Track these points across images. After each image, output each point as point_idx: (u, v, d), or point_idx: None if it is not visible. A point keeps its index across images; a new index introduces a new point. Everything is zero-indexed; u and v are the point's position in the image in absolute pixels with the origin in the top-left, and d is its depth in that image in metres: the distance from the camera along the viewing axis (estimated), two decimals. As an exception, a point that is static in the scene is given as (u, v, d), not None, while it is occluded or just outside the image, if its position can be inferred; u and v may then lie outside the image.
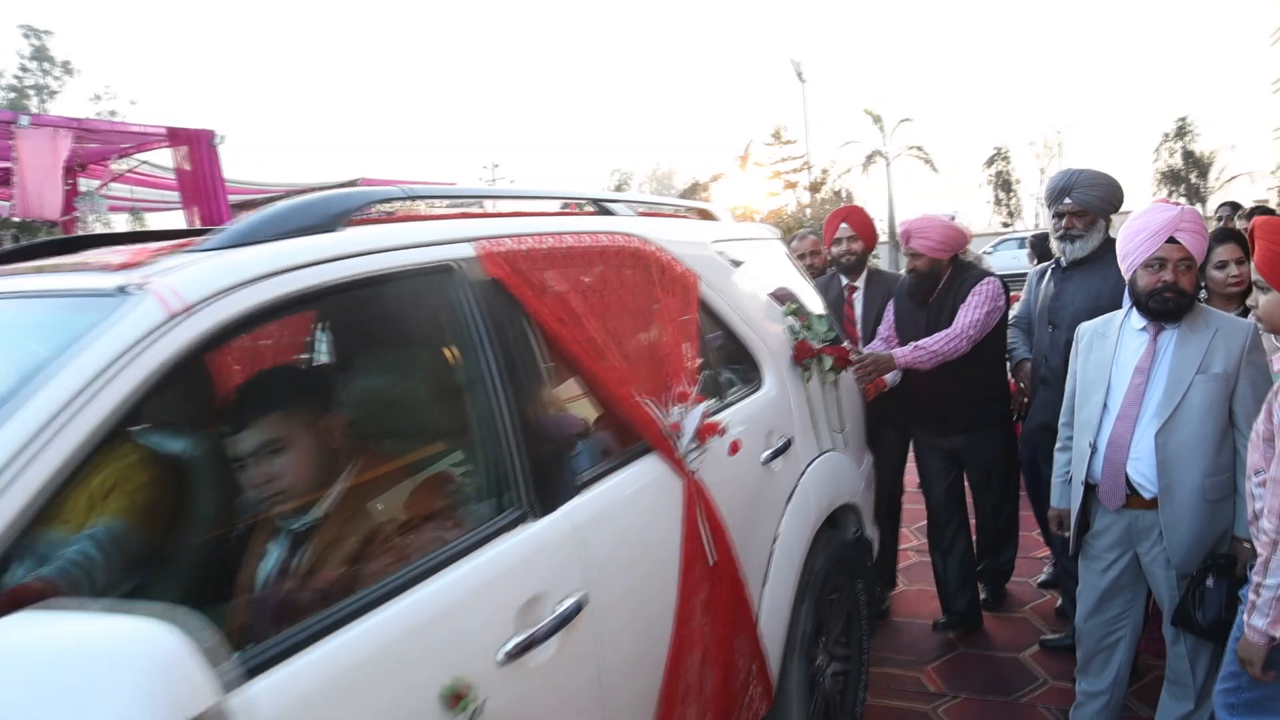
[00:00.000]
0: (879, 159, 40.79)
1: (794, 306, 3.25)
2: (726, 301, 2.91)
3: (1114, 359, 2.95)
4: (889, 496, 4.71)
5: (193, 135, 10.40)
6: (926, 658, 4.19)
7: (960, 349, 3.82)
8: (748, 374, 3.01)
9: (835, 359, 3.36)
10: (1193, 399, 2.76)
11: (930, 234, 4.00)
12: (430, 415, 2.16)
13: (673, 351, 2.50)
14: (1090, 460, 2.95)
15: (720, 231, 3.21)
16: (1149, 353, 2.86)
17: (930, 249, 4.01)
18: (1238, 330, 2.79)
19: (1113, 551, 2.98)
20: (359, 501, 1.87)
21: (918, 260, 4.06)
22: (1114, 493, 2.89)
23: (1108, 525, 2.97)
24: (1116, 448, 2.87)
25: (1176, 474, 2.77)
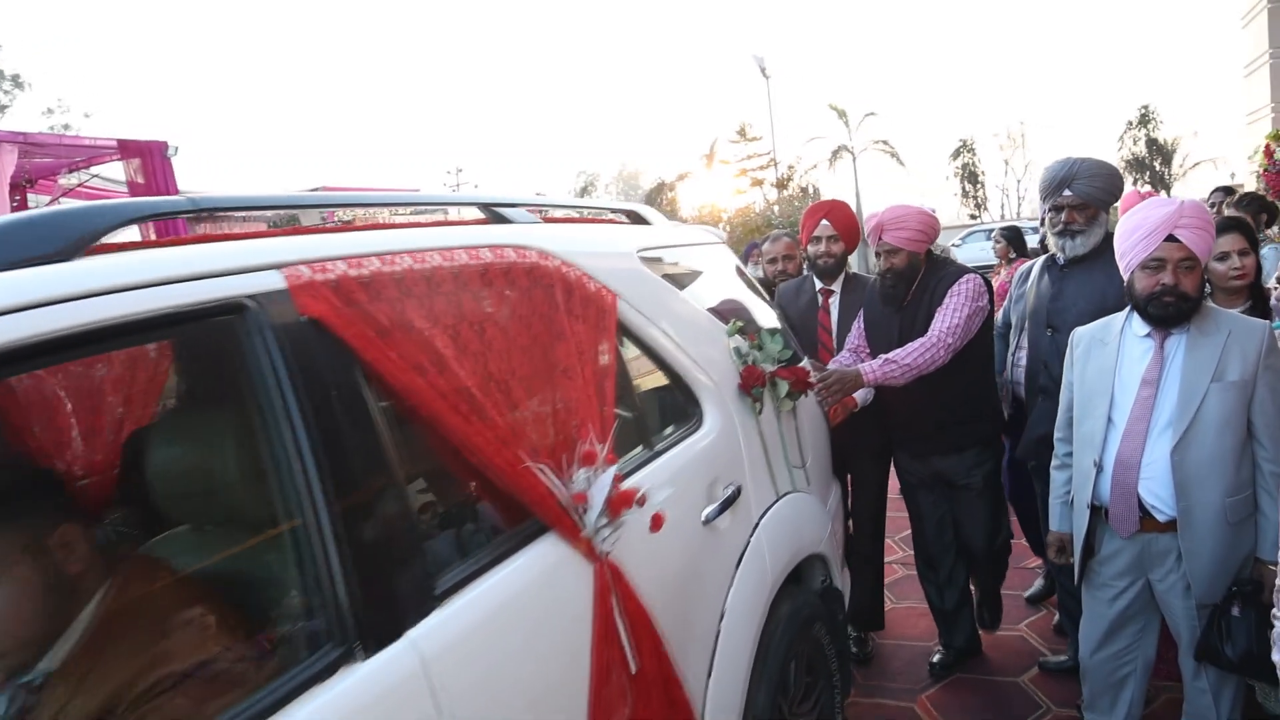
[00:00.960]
0: (845, 154, 40.45)
1: (739, 324, 2.73)
2: (655, 324, 2.38)
3: (1116, 368, 2.68)
4: (871, 533, 4.20)
5: (145, 147, 10.17)
6: (920, 685, 3.85)
7: (938, 359, 3.32)
8: (684, 412, 2.48)
9: (792, 382, 2.84)
10: (1209, 410, 2.50)
11: (907, 224, 3.49)
12: (203, 515, 1.59)
13: (580, 396, 1.97)
14: (1096, 481, 2.68)
15: (649, 238, 2.68)
16: (1156, 361, 2.60)
17: (908, 241, 3.50)
18: (1253, 332, 2.54)
19: (1122, 579, 2.71)
20: (112, 644, 1.32)
21: (894, 257, 3.54)
22: (1126, 517, 2.61)
23: (1117, 550, 2.70)
24: (1126, 467, 2.60)
25: (1196, 495, 2.51)
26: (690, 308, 2.61)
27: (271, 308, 1.45)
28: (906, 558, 5.03)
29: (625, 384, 2.26)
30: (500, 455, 1.71)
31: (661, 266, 2.62)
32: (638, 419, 2.28)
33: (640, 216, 3.00)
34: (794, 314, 4.14)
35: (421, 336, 1.65)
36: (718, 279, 3.08)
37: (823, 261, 4.03)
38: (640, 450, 2.23)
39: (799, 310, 4.14)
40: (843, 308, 4.04)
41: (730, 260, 3.26)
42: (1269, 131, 12.32)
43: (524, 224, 2.27)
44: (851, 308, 4.00)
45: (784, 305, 4.19)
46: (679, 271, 2.80)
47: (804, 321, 4.10)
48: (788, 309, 4.17)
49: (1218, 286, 3.37)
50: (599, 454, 1.85)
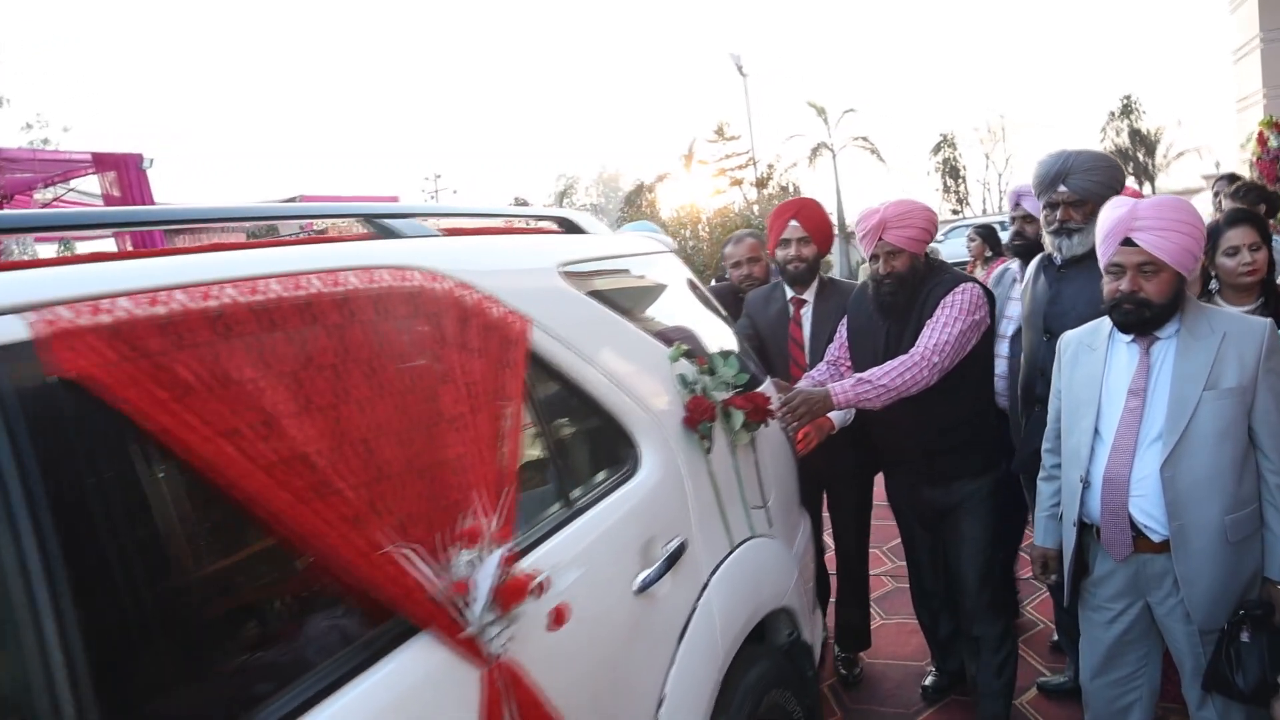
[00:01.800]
0: (824, 151, 40.24)
1: (683, 348, 2.36)
2: (579, 352, 2.00)
3: (1103, 376, 2.51)
4: (854, 554, 3.86)
5: (120, 160, 10.17)
6: (913, 709, 3.65)
7: (921, 381, 2.94)
8: (615, 456, 2.11)
9: (748, 412, 2.48)
10: (1202, 422, 2.31)
11: (913, 221, 3.09)
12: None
13: (470, 451, 1.59)
14: (1084, 498, 2.51)
15: (576, 249, 2.30)
16: (1142, 369, 2.42)
17: (911, 241, 3.09)
18: (1251, 332, 2.34)
19: (1118, 601, 2.53)
20: None
21: (896, 259, 3.11)
22: (1118, 539, 2.43)
23: (1110, 572, 2.52)
24: (1114, 486, 2.42)
25: (1191, 514, 2.32)
26: (626, 330, 2.23)
27: (11, 367, 1.08)
28: (895, 569, 4.76)
29: (538, 428, 1.88)
30: (351, 540, 1.33)
31: (591, 282, 2.25)
32: (554, 470, 1.90)
33: (573, 224, 2.63)
34: (763, 325, 3.77)
35: (243, 392, 1.28)
36: (663, 294, 2.71)
37: (793, 267, 3.65)
38: (558, 510, 1.85)
39: (768, 321, 3.76)
40: (817, 318, 3.67)
41: (680, 272, 2.89)
42: (1262, 118, 12.02)
43: (416, 238, 1.90)
44: (827, 318, 3.63)
45: (752, 315, 3.82)
46: (615, 287, 2.43)
47: (774, 334, 3.73)
48: (756, 319, 3.80)
49: (1227, 283, 3.17)
50: (485, 528, 1.47)
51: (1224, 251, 3.14)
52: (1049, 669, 3.78)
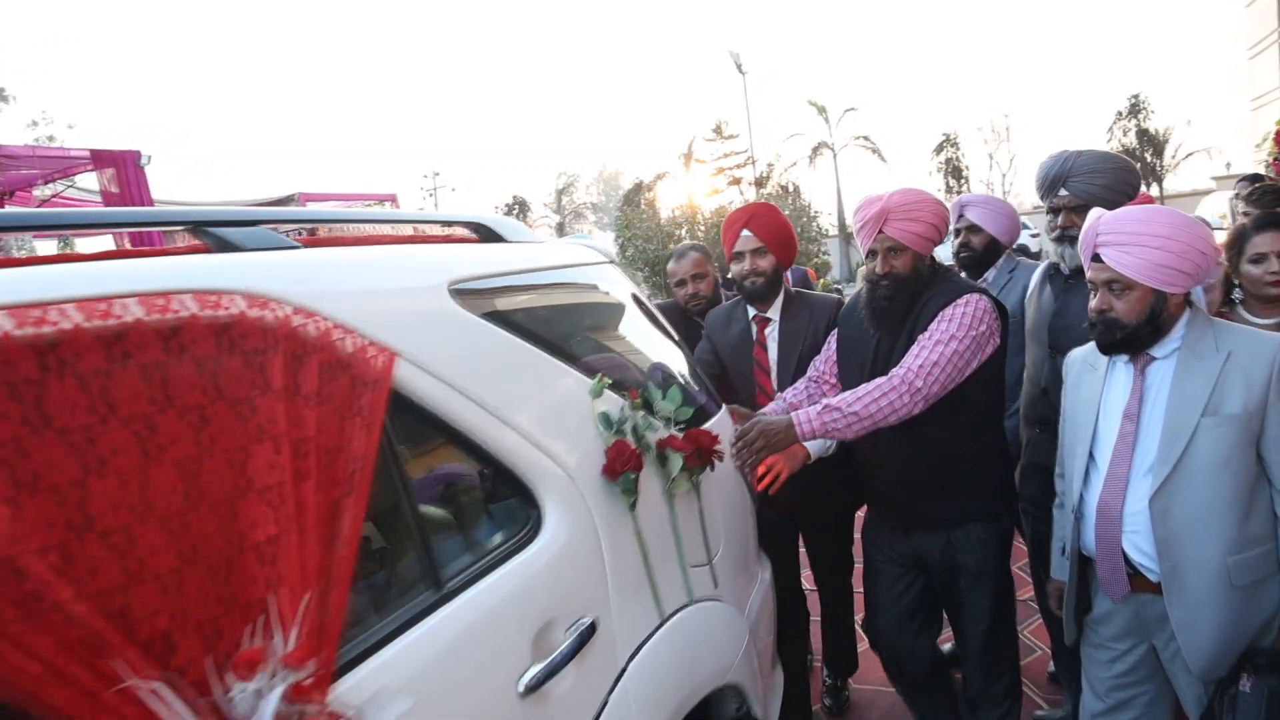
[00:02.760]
0: (825, 150, 39.94)
1: (607, 381, 1.98)
2: (467, 392, 1.63)
3: (1102, 398, 2.34)
4: (835, 592, 3.50)
5: (118, 157, 10.28)
6: None
7: (903, 409, 2.54)
8: (510, 518, 1.74)
9: (688, 454, 2.11)
10: (1199, 450, 2.12)
11: (919, 214, 2.66)
12: None
13: (282, 533, 1.22)
14: (1080, 529, 2.35)
15: (478, 263, 1.92)
16: (1136, 392, 2.26)
17: (917, 239, 2.67)
18: (1261, 351, 2.13)
19: (1121, 641, 2.35)
20: None
21: (897, 258, 2.70)
22: (1113, 577, 2.27)
23: (1110, 612, 2.35)
24: (1108, 519, 2.24)
25: (1185, 552, 2.13)
26: (536, 361, 1.86)
27: None
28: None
29: (401, 492, 1.51)
30: (74, 672, 0.97)
31: (494, 303, 1.87)
32: (420, 545, 1.52)
33: (491, 231, 2.26)
34: (724, 349, 3.38)
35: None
36: (597, 314, 2.35)
37: (750, 282, 3.26)
38: (418, 597, 1.47)
39: (729, 344, 3.38)
40: (784, 339, 3.28)
41: (621, 286, 2.51)
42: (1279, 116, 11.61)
43: (258, 251, 1.53)
44: (795, 338, 3.24)
45: (712, 337, 3.44)
46: (531, 307, 2.06)
47: (736, 359, 3.35)
48: (717, 342, 3.41)
49: (1252, 293, 2.91)
50: (273, 649, 1.10)
51: (1249, 258, 2.86)
52: (1046, 700, 3.54)
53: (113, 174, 10.26)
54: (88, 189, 12.30)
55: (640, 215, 28.43)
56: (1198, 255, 2.13)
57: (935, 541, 2.81)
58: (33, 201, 12.39)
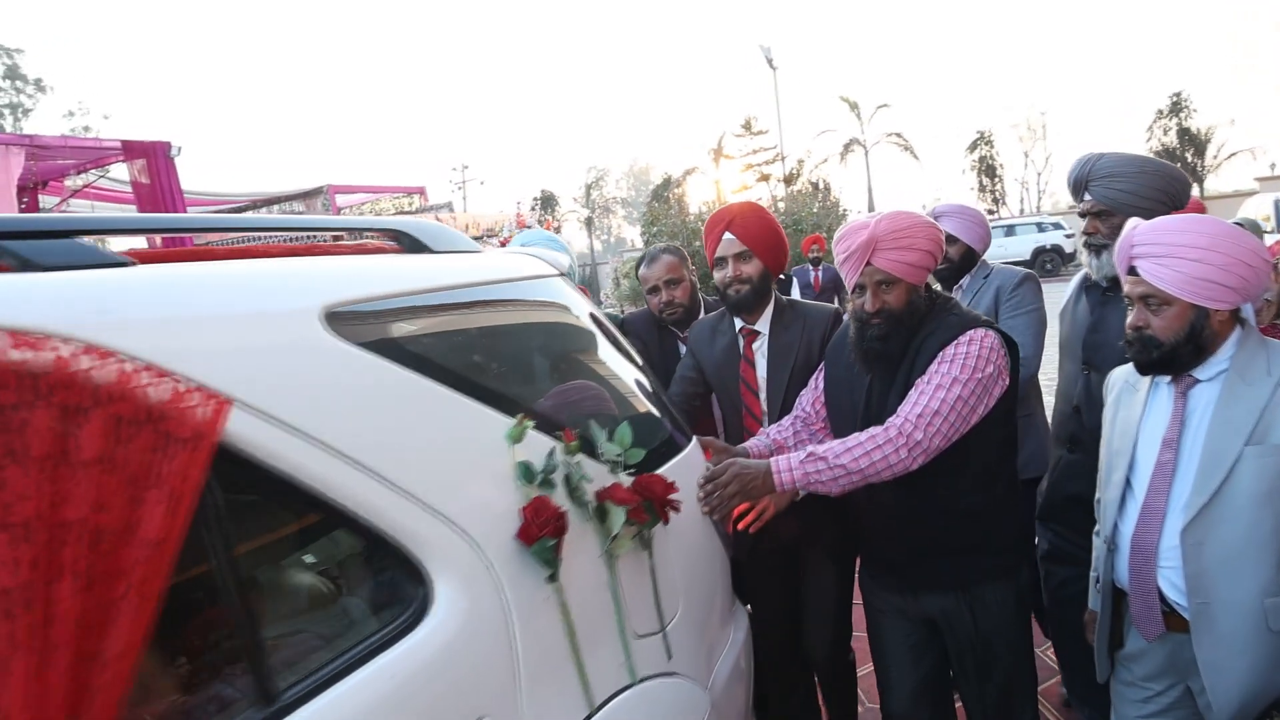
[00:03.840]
0: (856, 147, 39.40)
1: (528, 423, 1.64)
2: (333, 445, 1.31)
3: (1141, 422, 2.17)
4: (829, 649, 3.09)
5: (149, 148, 10.33)
6: None
7: (898, 463, 2.21)
8: (385, 601, 1.42)
9: (634, 506, 1.78)
10: (1240, 482, 1.95)
11: (913, 241, 2.31)
12: None
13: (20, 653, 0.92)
14: (1113, 562, 2.21)
15: (368, 281, 1.59)
16: (1176, 417, 2.09)
17: (911, 269, 2.33)
18: None
19: (1156, 682, 2.19)
20: None
21: (889, 292, 2.36)
22: (1147, 615, 2.12)
23: (1143, 650, 2.20)
24: (1142, 553, 2.09)
25: (1219, 590, 1.98)
26: (436, 401, 1.54)
27: None
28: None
29: (228, 577, 1.19)
30: None
31: (388, 329, 1.56)
32: (250, 648, 1.20)
33: (416, 241, 1.94)
34: (709, 365, 3.04)
35: None
36: (535, 337, 2.02)
37: (734, 291, 2.91)
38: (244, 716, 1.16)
39: (714, 360, 3.03)
40: (774, 354, 2.93)
41: (572, 302, 2.17)
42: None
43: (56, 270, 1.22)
44: (786, 352, 2.89)
45: (697, 352, 3.10)
46: (442, 332, 1.73)
47: (722, 376, 3.00)
48: (701, 357, 3.07)
49: None
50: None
51: None
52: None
53: (143, 165, 10.49)
54: (119, 179, 12.50)
55: (667, 211, 28.06)
56: (1244, 268, 1.95)
57: (943, 602, 2.46)
58: (64, 191, 12.61)
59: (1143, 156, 2.79)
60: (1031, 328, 3.42)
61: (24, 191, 11.04)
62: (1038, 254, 27.90)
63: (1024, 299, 3.49)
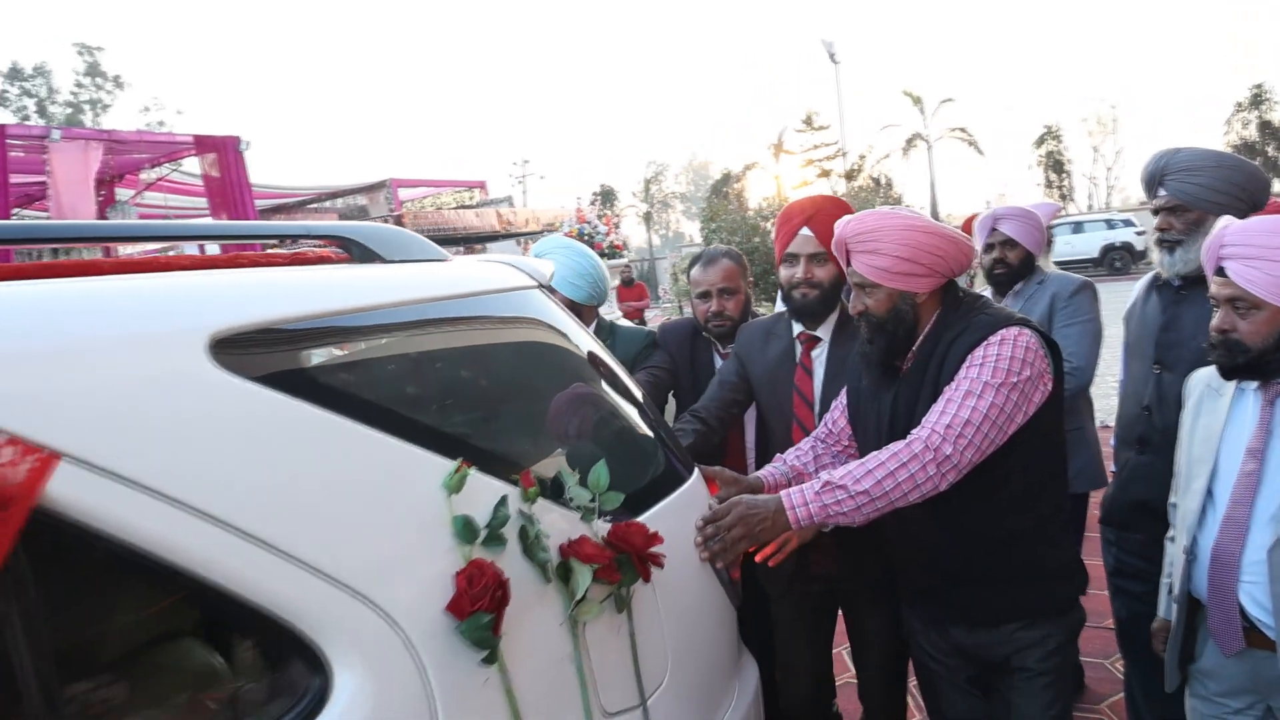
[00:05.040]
0: (919, 143, 38.58)
1: (466, 469, 1.37)
2: (202, 506, 1.06)
3: (1224, 429, 2.08)
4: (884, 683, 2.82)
5: (219, 142, 10.80)
6: None
7: (927, 483, 1.95)
8: (269, 694, 1.17)
9: (605, 565, 1.51)
10: None
11: (878, 244, 2.11)
12: None
13: None
14: (1191, 572, 2.12)
15: (285, 299, 1.34)
16: (1262, 425, 1.99)
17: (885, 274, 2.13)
18: None
19: (1234, 699, 2.09)
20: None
21: (869, 296, 2.18)
22: (1226, 629, 2.02)
23: (1220, 666, 2.09)
24: (1223, 564, 2.01)
25: None
26: (352, 445, 1.28)
27: None
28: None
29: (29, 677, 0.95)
30: None
31: (298, 359, 1.31)
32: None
33: (365, 248, 1.69)
34: (759, 372, 2.76)
35: None
36: (502, 361, 1.75)
37: (800, 294, 2.63)
38: None
39: (766, 367, 2.75)
40: (834, 365, 2.66)
41: (550, 318, 1.90)
42: None
43: None
44: (848, 363, 2.62)
45: (744, 357, 2.81)
46: (377, 359, 1.48)
47: (773, 386, 2.73)
48: (749, 362, 2.79)
49: None
50: None
51: None
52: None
53: (214, 159, 10.89)
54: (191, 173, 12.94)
55: (726, 206, 27.67)
56: None
57: (981, 639, 2.20)
58: (139, 184, 13.06)
59: (1220, 152, 2.66)
60: (1086, 338, 3.32)
61: (101, 184, 11.34)
62: (1106, 251, 26.93)
63: (1079, 308, 3.37)
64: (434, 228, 17.25)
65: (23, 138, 10.08)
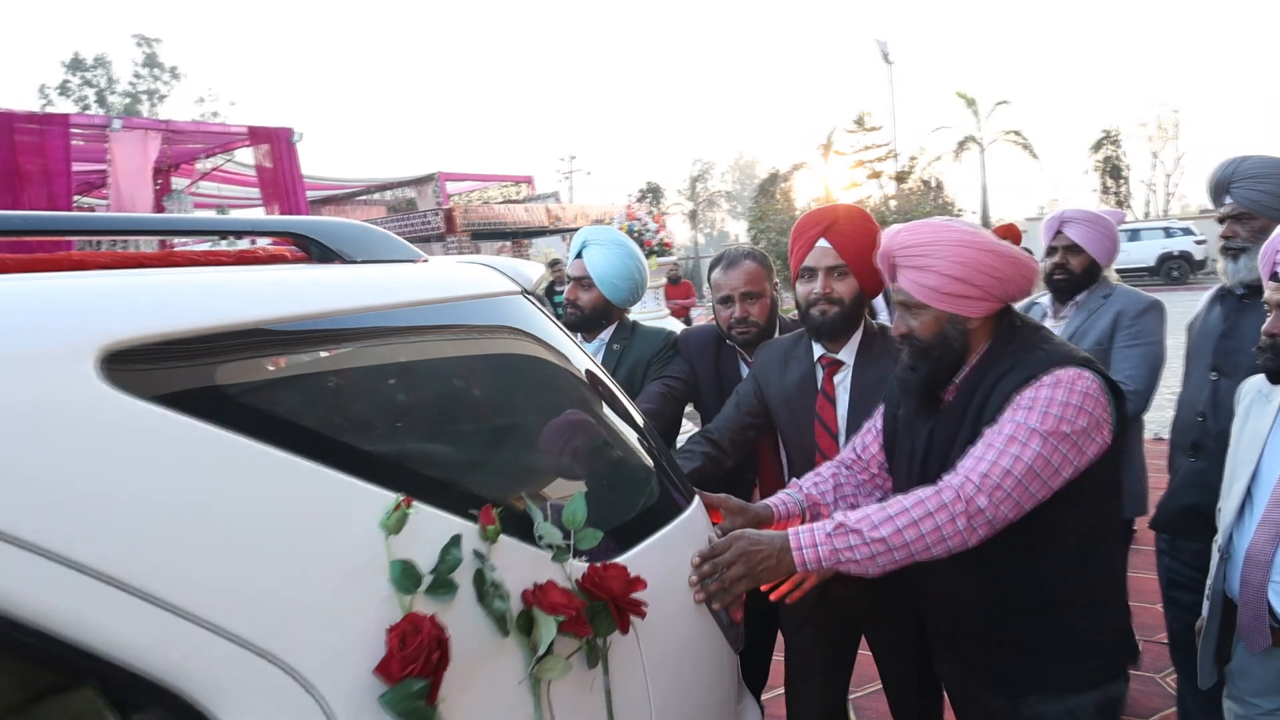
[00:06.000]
0: (972, 145, 37.92)
1: (405, 509, 1.19)
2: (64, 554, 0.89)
3: (1270, 433, 2.05)
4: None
5: (272, 133, 10.96)
6: None
7: (953, 537, 1.74)
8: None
9: (574, 617, 1.32)
10: None
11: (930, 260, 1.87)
12: None
13: None
14: (1225, 571, 2.10)
15: (208, 306, 1.17)
16: None
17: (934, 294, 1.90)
18: None
19: (1265, 699, 2.05)
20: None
21: (914, 316, 1.94)
22: (1254, 626, 1.99)
23: (1250, 666, 2.07)
24: (1256, 564, 1.98)
25: None
26: (272, 477, 1.10)
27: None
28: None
29: None
30: None
31: (215, 376, 1.13)
32: None
33: (324, 247, 1.52)
34: (776, 397, 2.56)
35: None
36: (462, 378, 1.57)
37: (819, 311, 2.42)
38: None
39: (784, 392, 2.54)
40: (858, 390, 2.44)
41: (532, 327, 1.71)
42: None
43: None
44: (873, 389, 2.40)
45: (761, 380, 2.61)
46: (320, 372, 1.31)
47: (792, 412, 2.53)
48: (766, 387, 2.59)
49: None
50: None
51: None
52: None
53: (267, 150, 11.06)
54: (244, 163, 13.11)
55: (775, 207, 27.35)
56: None
57: (1003, 704, 1.96)
58: (195, 174, 13.29)
59: None
60: (1148, 362, 3.15)
61: (159, 173, 11.59)
62: (1163, 261, 26.16)
63: (1146, 329, 3.19)
64: (484, 222, 17.23)
65: (85, 127, 10.23)
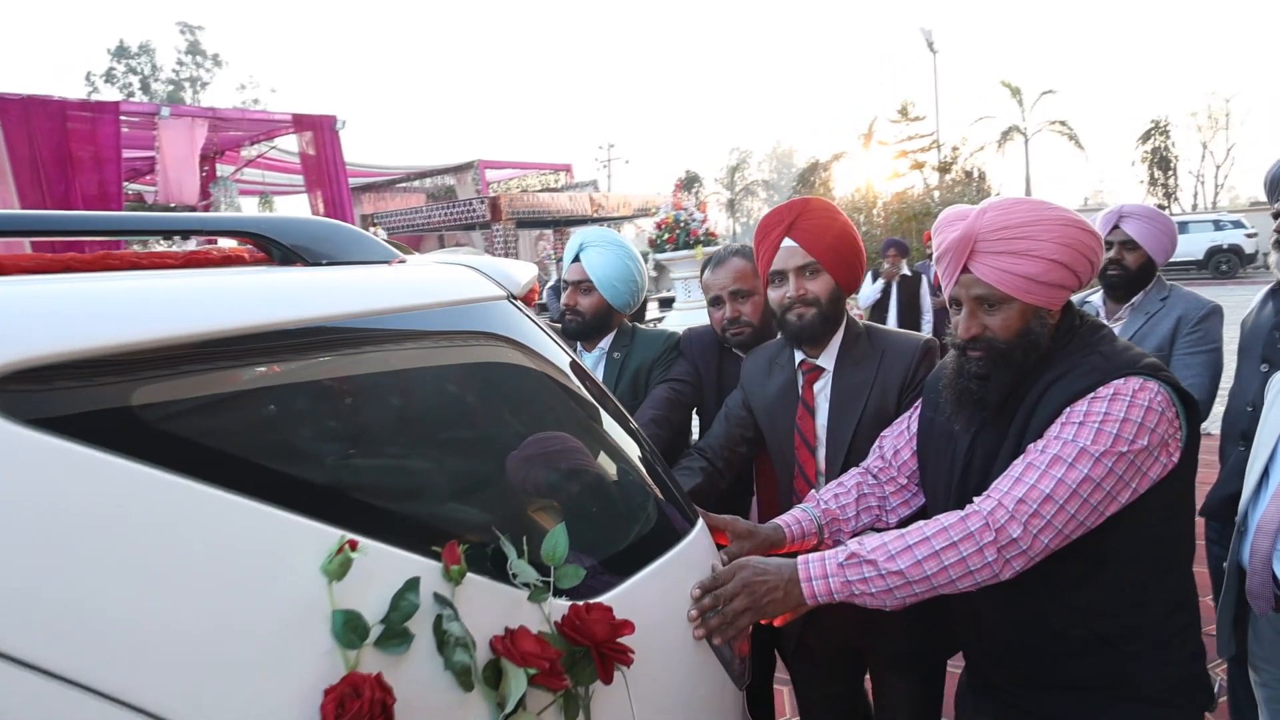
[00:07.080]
0: (1016, 135, 37.19)
1: (351, 552, 1.04)
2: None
3: None
4: None
5: (316, 121, 11.15)
6: None
7: (985, 570, 1.57)
8: None
9: (547, 669, 1.18)
10: None
11: (1031, 244, 1.62)
12: None
13: None
14: (1239, 543, 2.05)
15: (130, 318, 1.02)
16: None
17: (1028, 284, 1.64)
18: None
19: (1275, 665, 2.04)
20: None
21: (993, 314, 1.69)
22: (1260, 591, 1.97)
23: (1259, 632, 2.08)
24: (1264, 532, 1.95)
25: None
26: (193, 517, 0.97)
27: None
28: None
29: None
30: None
31: (131, 397, 0.99)
32: None
33: (285, 248, 1.38)
34: (761, 408, 2.38)
35: None
36: (433, 396, 1.42)
37: (795, 316, 2.23)
38: None
39: (767, 403, 2.37)
40: (839, 397, 2.25)
41: (518, 335, 1.56)
42: None
43: None
44: (854, 396, 2.22)
45: (749, 390, 2.44)
46: (258, 389, 1.17)
47: (774, 424, 2.35)
48: (752, 396, 2.42)
49: None
50: None
51: None
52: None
53: (310, 137, 11.21)
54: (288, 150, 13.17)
55: (815, 197, 26.75)
56: None
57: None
58: (241, 161, 13.42)
59: None
60: (1210, 369, 3.11)
61: (204, 160, 11.74)
62: (1212, 254, 25.49)
63: (1208, 334, 3.15)
64: (529, 210, 17.15)
65: (135, 114, 10.35)
